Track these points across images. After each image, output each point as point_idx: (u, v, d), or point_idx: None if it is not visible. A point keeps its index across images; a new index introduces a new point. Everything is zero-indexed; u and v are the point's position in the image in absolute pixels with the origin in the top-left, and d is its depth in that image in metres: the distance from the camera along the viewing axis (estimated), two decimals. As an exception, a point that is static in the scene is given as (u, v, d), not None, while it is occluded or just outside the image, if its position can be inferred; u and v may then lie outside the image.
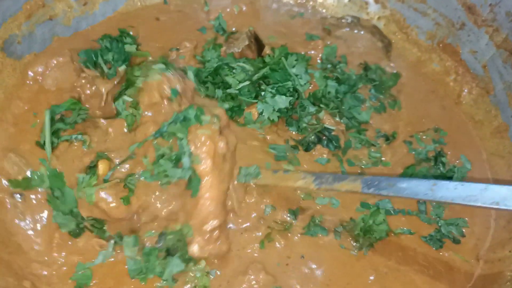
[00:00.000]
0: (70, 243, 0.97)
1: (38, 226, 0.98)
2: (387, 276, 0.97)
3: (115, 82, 1.12)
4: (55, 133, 1.02)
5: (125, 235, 0.96)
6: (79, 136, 1.01)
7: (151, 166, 0.96)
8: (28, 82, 1.14)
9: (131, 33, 1.26)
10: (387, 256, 0.99)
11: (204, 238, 0.96)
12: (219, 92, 1.15)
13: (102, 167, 0.97)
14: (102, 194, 0.93)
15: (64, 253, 0.96)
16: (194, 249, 0.96)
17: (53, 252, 0.96)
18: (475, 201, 0.77)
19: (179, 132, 0.96)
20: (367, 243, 1.00)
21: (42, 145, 1.03)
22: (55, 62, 1.16)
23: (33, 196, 1.00)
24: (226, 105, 1.14)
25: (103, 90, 1.11)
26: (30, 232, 0.98)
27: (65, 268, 0.95)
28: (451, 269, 0.98)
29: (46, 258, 0.95)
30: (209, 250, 0.96)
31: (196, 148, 0.94)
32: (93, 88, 1.11)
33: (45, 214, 0.99)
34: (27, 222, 0.99)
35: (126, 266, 0.93)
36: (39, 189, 1.00)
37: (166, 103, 1.00)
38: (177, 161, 0.95)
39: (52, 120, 1.03)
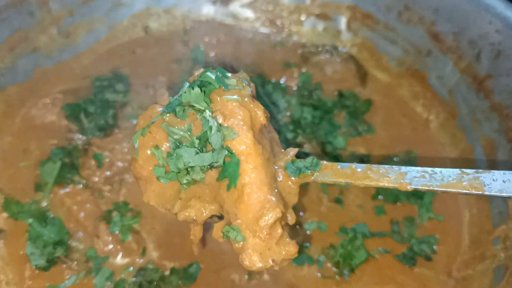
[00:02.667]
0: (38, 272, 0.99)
1: (12, 258, 1.01)
2: (366, 298, 1.00)
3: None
4: (61, 177, 1.09)
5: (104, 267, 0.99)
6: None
7: (163, 161, 0.72)
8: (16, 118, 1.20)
9: (123, 73, 1.30)
10: (365, 277, 1.03)
11: (262, 239, 0.70)
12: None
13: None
14: None
15: (36, 281, 0.98)
16: (252, 260, 0.70)
17: (26, 281, 0.98)
18: None
19: (197, 102, 0.70)
20: (347, 268, 1.02)
21: (40, 189, 1.08)
22: (44, 102, 1.21)
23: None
24: None
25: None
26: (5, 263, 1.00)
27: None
28: (425, 286, 1.02)
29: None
30: (271, 255, 0.71)
31: (226, 119, 0.69)
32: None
33: (20, 248, 1.02)
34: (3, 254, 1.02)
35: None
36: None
37: None
38: (202, 144, 0.70)
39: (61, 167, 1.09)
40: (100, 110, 1.20)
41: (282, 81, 1.35)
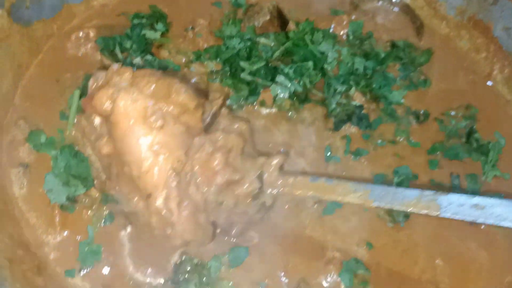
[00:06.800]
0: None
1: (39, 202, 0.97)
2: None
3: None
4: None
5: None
6: None
7: None
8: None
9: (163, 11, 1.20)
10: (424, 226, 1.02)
11: None
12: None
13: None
14: None
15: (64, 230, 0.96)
16: None
17: (55, 228, 0.96)
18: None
19: None
20: (402, 215, 1.01)
21: (65, 117, 1.04)
22: (76, 35, 1.14)
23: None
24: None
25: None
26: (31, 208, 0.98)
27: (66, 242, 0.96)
28: (491, 243, 1.01)
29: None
30: None
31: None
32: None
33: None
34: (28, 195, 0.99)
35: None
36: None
37: None
38: None
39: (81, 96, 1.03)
40: (137, 47, 1.11)
41: (330, 29, 1.25)
